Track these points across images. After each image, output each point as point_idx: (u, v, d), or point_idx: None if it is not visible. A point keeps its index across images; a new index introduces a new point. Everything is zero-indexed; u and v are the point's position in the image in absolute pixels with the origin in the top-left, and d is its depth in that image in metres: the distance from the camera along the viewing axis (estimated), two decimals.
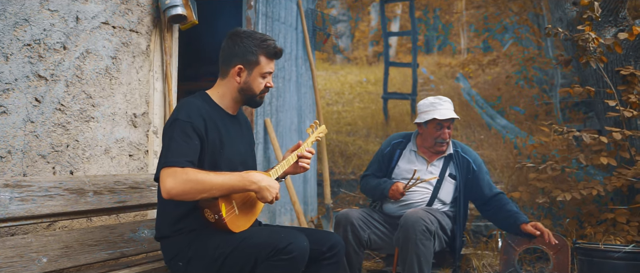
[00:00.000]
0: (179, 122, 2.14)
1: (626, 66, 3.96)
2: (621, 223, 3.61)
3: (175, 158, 2.06)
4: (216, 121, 2.26)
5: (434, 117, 3.16)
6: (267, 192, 2.18)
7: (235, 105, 2.38)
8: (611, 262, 2.75)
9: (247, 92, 2.32)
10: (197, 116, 2.18)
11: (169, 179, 2.03)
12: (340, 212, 3.19)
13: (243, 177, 2.15)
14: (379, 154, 3.40)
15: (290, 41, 4.96)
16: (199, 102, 2.26)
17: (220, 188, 2.08)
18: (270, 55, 2.31)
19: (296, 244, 2.10)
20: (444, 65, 12.10)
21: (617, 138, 3.63)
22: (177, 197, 2.05)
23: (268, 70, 2.32)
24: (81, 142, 2.65)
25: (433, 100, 3.24)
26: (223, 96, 2.34)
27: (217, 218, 2.13)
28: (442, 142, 3.22)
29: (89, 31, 2.67)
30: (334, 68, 13.36)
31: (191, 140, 2.13)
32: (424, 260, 2.95)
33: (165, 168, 2.06)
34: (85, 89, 2.67)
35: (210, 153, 2.22)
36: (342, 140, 7.44)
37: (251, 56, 2.28)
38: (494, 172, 5.77)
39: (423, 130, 3.29)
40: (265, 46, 2.29)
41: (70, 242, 2.27)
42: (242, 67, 2.28)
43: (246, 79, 2.30)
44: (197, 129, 2.15)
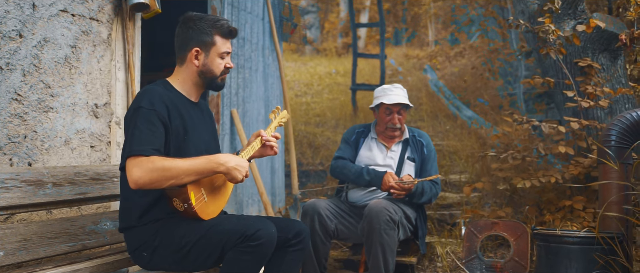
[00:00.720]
0: (142, 110, 2.11)
1: (584, 58, 4.08)
2: (578, 210, 3.74)
3: (141, 146, 2.03)
4: (179, 108, 2.24)
5: (381, 102, 3.30)
6: (237, 171, 2.17)
7: (197, 90, 2.35)
8: (566, 247, 2.84)
9: (207, 75, 2.30)
10: (160, 103, 2.15)
11: (135, 169, 2.00)
12: (308, 202, 3.22)
13: (210, 159, 2.13)
14: (347, 141, 3.48)
15: (256, 31, 4.93)
16: (160, 90, 2.23)
17: (188, 173, 2.06)
18: (225, 34, 2.29)
19: (264, 231, 2.11)
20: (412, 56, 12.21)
21: (575, 128, 3.74)
22: (145, 187, 2.02)
23: (225, 49, 2.30)
24: (40, 133, 2.59)
25: (385, 87, 3.39)
26: (184, 83, 2.32)
27: (186, 207, 2.11)
28: (393, 127, 3.34)
29: (46, 19, 2.61)
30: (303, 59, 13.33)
31: (156, 127, 2.10)
32: (388, 250, 3.00)
33: (130, 158, 2.02)
34: (44, 79, 2.60)
35: (175, 141, 2.20)
36: (311, 131, 7.45)
37: (206, 37, 2.26)
38: (459, 162, 5.87)
39: (376, 116, 3.44)
40: (219, 26, 2.28)
41: (29, 235, 2.22)
42: (199, 49, 2.27)
43: (204, 61, 2.28)
44: (161, 116, 2.13)
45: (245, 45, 4.69)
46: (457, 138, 6.60)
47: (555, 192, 4.02)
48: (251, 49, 4.81)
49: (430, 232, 4.34)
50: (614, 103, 4.05)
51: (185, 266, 2.24)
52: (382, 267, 2.98)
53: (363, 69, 10.38)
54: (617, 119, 3.23)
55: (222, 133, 4.32)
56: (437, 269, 3.77)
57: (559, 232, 2.99)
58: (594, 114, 4.04)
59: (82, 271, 2.22)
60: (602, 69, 4.10)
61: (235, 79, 4.54)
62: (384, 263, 2.99)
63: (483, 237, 3.69)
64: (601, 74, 4.10)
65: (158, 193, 2.17)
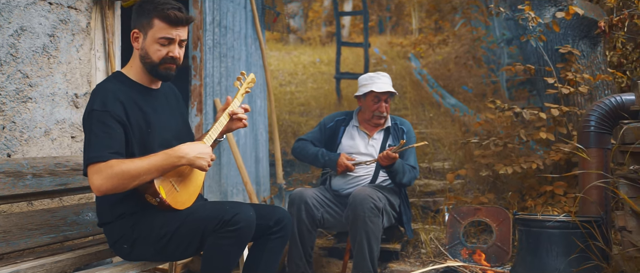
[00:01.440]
0: (95, 113, 2.04)
1: (564, 45, 4.12)
2: (559, 195, 3.80)
3: (97, 152, 1.98)
4: (136, 100, 2.16)
5: (371, 90, 3.29)
6: (200, 160, 2.13)
7: (150, 78, 2.24)
8: (547, 231, 2.89)
9: (146, 60, 2.18)
10: (113, 102, 2.07)
11: (95, 176, 1.97)
12: (294, 191, 3.22)
13: (169, 154, 2.07)
14: (322, 126, 3.49)
15: (239, 20, 4.89)
16: (112, 86, 2.14)
17: (148, 172, 2.02)
18: (165, 19, 2.12)
19: (242, 215, 2.10)
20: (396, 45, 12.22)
21: (555, 115, 3.79)
22: (108, 192, 1.99)
23: (164, 35, 2.13)
24: (18, 124, 2.55)
25: (372, 74, 3.37)
26: (137, 71, 2.23)
27: (159, 201, 2.10)
28: (380, 115, 3.36)
29: (23, 7, 2.56)
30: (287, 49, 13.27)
31: (111, 129, 2.04)
32: (373, 237, 3.02)
33: (90, 166, 1.99)
34: (21, 68, 2.56)
35: (138, 136, 2.14)
36: (295, 121, 7.45)
37: (144, 19, 2.15)
38: (443, 149, 5.92)
39: (362, 103, 3.42)
40: (160, 9, 2.12)
41: (8, 226, 2.20)
42: (137, 31, 2.18)
43: (142, 44, 2.18)
44: (115, 116, 2.05)
45: (227, 34, 4.65)
46: (441, 126, 6.64)
47: (537, 178, 4.07)
48: (233, 38, 4.78)
49: (414, 219, 4.37)
50: (593, 89, 4.10)
51: (167, 255, 2.24)
52: (366, 254, 3.00)
53: (347, 58, 10.37)
54: (596, 104, 3.28)
55: (205, 123, 4.30)
56: (421, 255, 3.81)
57: (540, 216, 3.03)
58: (574, 100, 4.09)
59: (64, 262, 2.21)
60: (582, 55, 4.15)
61: (218, 68, 4.51)
62: (369, 251, 3.01)
63: (466, 223, 3.73)
64: (581, 61, 4.15)
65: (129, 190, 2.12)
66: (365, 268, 3.04)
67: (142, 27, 2.17)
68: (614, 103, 3.20)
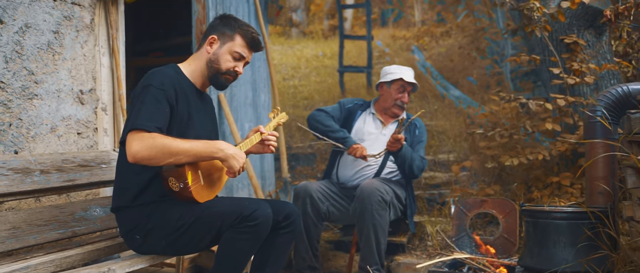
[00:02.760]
0: (151, 88, 2.11)
1: (569, 34, 4.09)
2: (565, 186, 3.79)
3: (144, 121, 2.03)
4: (186, 93, 2.25)
5: (400, 77, 3.31)
6: (234, 160, 2.17)
7: (203, 81, 2.36)
8: (554, 222, 2.88)
9: (214, 65, 2.30)
10: (169, 85, 2.16)
11: (135, 143, 2.00)
12: (299, 184, 3.22)
13: (210, 144, 2.15)
14: (341, 105, 3.50)
15: (242, 14, 4.88)
16: (171, 72, 2.24)
17: (186, 154, 2.06)
18: (247, 38, 2.32)
19: (261, 211, 2.13)
20: (399, 37, 12.17)
21: (561, 105, 3.77)
22: (142, 162, 2.02)
23: (239, 50, 2.30)
24: (25, 121, 2.56)
25: (400, 67, 3.42)
26: (194, 70, 2.33)
27: (182, 187, 2.10)
28: (401, 104, 3.38)
29: (27, 4, 2.55)
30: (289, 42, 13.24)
31: (162, 106, 2.11)
32: (380, 230, 3.03)
33: (132, 132, 2.02)
34: (27, 65, 2.56)
35: (178, 124, 2.20)
36: (299, 114, 7.44)
37: (227, 30, 2.31)
38: (448, 141, 5.90)
39: (385, 91, 3.41)
40: (245, 29, 2.32)
41: (18, 222, 2.21)
42: (216, 38, 2.31)
43: (216, 50, 2.30)
44: (169, 97, 2.13)
45: None
46: (446, 118, 6.63)
47: (543, 169, 4.06)
48: None
49: (420, 212, 4.37)
50: (599, 79, 4.08)
51: (179, 248, 2.25)
52: (374, 247, 3.01)
53: (350, 51, 10.34)
54: (603, 94, 3.26)
55: None
56: (427, 248, 3.81)
57: (547, 207, 3.02)
58: (580, 91, 4.07)
59: (73, 257, 2.22)
60: (587, 45, 4.13)
61: None
62: (376, 243, 3.02)
63: (472, 215, 3.73)
64: (586, 51, 4.12)
65: (154, 173, 2.16)
66: (372, 261, 3.04)
67: (222, 35, 2.32)
68: (621, 93, 3.18)
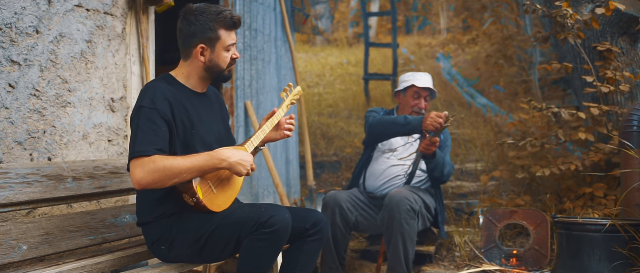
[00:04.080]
0: (143, 109, 2.10)
1: (603, 42, 4.00)
2: (599, 197, 3.69)
3: (142, 147, 2.03)
4: (183, 102, 2.21)
5: (413, 84, 3.30)
6: (240, 166, 2.16)
7: (202, 83, 2.33)
8: (589, 235, 2.80)
9: (214, 69, 2.27)
10: (161, 100, 2.13)
11: (137, 170, 2.01)
12: (328, 194, 3.20)
13: (211, 156, 2.12)
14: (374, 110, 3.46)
15: (268, 22, 4.91)
16: (162, 85, 2.20)
17: (189, 171, 2.05)
18: (229, 26, 2.24)
19: (278, 217, 2.10)
20: (424, 45, 12.09)
21: (595, 114, 3.68)
22: (147, 187, 2.03)
23: (230, 42, 2.26)
24: (58, 128, 2.60)
25: (414, 73, 3.40)
26: (189, 76, 2.29)
27: (195, 202, 2.12)
28: (418, 111, 3.32)
29: (62, 14, 2.60)
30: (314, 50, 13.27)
31: (158, 126, 2.09)
32: (408, 239, 2.99)
33: (133, 160, 2.03)
34: (61, 74, 2.61)
35: (181, 136, 2.19)
36: (324, 122, 7.43)
37: (210, 33, 2.21)
38: (475, 150, 5.82)
39: (402, 99, 3.41)
40: (222, 18, 2.21)
41: (51, 228, 2.24)
42: (204, 46, 2.23)
43: (211, 56, 2.25)
44: (162, 114, 2.11)
45: (257, 36, 4.67)
46: (472, 127, 6.54)
47: (575, 179, 3.97)
48: (263, 41, 4.79)
49: (447, 221, 4.31)
50: (634, 87, 3.97)
51: (204, 257, 2.25)
52: (402, 256, 2.97)
53: (375, 59, 10.31)
54: (639, 103, 3.17)
55: (237, 125, 4.32)
56: (455, 259, 3.75)
57: (581, 219, 2.95)
58: (614, 99, 3.96)
59: (103, 264, 2.23)
60: (621, 52, 4.03)
61: (248, 70, 4.53)
62: (404, 253, 2.98)
63: (501, 225, 3.66)
64: (621, 58, 4.02)
65: (167, 188, 2.16)
66: (400, 271, 3.00)
67: (208, 41, 2.22)
68: None
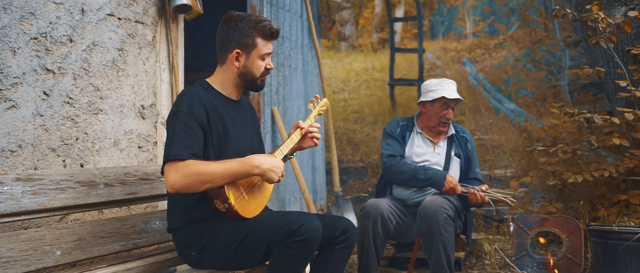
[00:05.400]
0: (180, 114, 2.13)
1: (636, 45, 3.90)
2: (634, 205, 3.58)
3: (177, 151, 2.06)
4: (218, 108, 2.25)
5: (443, 96, 3.19)
6: (272, 173, 2.17)
7: (237, 90, 2.36)
8: (625, 244, 2.72)
9: (248, 76, 2.30)
10: (198, 106, 2.16)
11: (171, 173, 2.04)
12: (369, 202, 3.14)
13: (244, 162, 2.14)
14: (392, 136, 3.34)
15: (295, 29, 4.92)
16: (199, 91, 2.24)
17: (222, 176, 2.07)
18: (267, 36, 2.28)
19: (309, 225, 2.10)
20: (450, 50, 11.99)
21: (629, 119, 3.58)
22: (181, 191, 2.05)
23: (266, 51, 2.29)
24: (90, 135, 2.65)
25: (440, 81, 3.28)
26: (224, 83, 2.33)
27: (227, 207, 2.13)
28: (446, 121, 3.27)
29: (94, 23, 2.66)
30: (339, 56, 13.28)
31: (193, 131, 2.12)
32: (449, 246, 2.97)
33: (168, 163, 2.06)
34: (93, 82, 2.66)
35: (216, 142, 2.21)
36: (350, 128, 7.42)
37: (247, 39, 2.25)
38: (503, 156, 5.73)
39: (428, 109, 3.31)
40: (260, 27, 2.26)
41: (83, 234, 2.28)
42: (240, 51, 2.27)
43: (245, 63, 2.28)
44: (198, 120, 2.14)
45: (284, 43, 4.69)
46: (501, 132, 6.44)
47: (608, 186, 3.86)
48: (290, 47, 4.81)
49: (476, 229, 4.24)
50: None
51: (234, 264, 2.25)
52: (445, 263, 2.95)
53: (400, 64, 10.26)
54: None
55: (264, 131, 4.34)
56: (485, 266, 3.69)
57: (617, 228, 2.86)
58: None
59: (134, 270, 2.26)
60: None
61: (275, 77, 4.55)
62: (446, 259, 2.96)
63: (533, 233, 3.58)
64: None
65: (200, 194, 2.18)
66: None
67: (245, 47, 2.26)
68: None
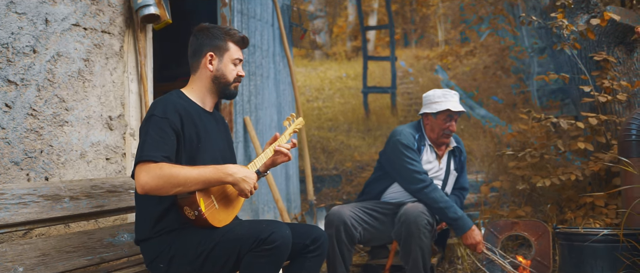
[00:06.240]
0: (154, 118, 2.13)
1: (599, 52, 4.01)
2: (600, 207, 3.67)
3: (150, 152, 2.04)
4: (193, 116, 2.25)
5: (448, 108, 3.12)
6: (245, 183, 2.16)
7: (210, 98, 2.36)
8: (591, 245, 2.78)
9: (221, 80, 2.32)
10: (172, 112, 2.16)
11: (142, 174, 2.02)
12: (332, 210, 3.12)
13: (218, 169, 2.13)
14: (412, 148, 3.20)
15: (267, 38, 4.93)
16: (174, 98, 2.25)
17: (195, 181, 2.06)
18: (238, 42, 2.35)
19: (279, 233, 2.09)
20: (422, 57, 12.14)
21: (593, 123, 3.68)
22: (151, 192, 2.03)
23: (238, 56, 2.34)
24: (56, 147, 2.60)
25: (444, 92, 3.21)
26: (198, 91, 2.34)
27: (197, 215, 2.10)
28: (449, 133, 3.21)
29: (59, 34, 2.61)
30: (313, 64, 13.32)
31: (167, 135, 2.11)
32: (426, 252, 2.98)
33: (140, 164, 2.04)
34: (58, 93, 2.61)
35: (188, 149, 2.20)
36: (324, 136, 7.43)
37: (220, 42, 2.32)
38: (475, 162, 5.81)
39: (431, 121, 3.24)
40: (231, 33, 2.34)
41: (47, 249, 2.22)
42: (213, 54, 2.31)
43: (218, 65, 2.31)
44: (173, 125, 2.14)
45: (255, 52, 4.68)
46: (472, 138, 6.54)
47: (575, 189, 3.95)
48: (262, 56, 4.80)
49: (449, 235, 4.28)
50: (632, 96, 3.97)
51: None
52: (422, 269, 2.96)
53: (373, 72, 10.35)
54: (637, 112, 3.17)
55: (236, 141, 4.32)
56: (457, 271, 3.72)
57: (582, 230, 2.93)
58: (612, 109, 3.97)
59: None
60: (618, 62, 4.04)
61: (247, 86, 4.54)
62: (424, 265, 2.97)
63: (503, 237, 3.63)
64: (617, 68, 4.03)
65: (171, 202, 2.16)
66: None
67: (218, 49, 2.32)
68: None
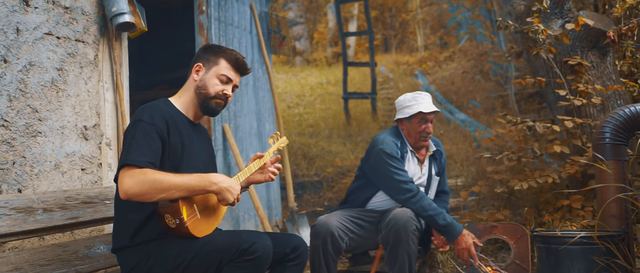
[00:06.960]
0: (141, 123, 2.11)
1: (573, 56, 4.08)
2: (576, 209, 3.72)
3: (135, 157, 2.02)
4: (178, 125, 2.24)
5: (419, 110, 3.08)
6: (228, 193, 2.14)
7: (195, 111, 2.35)
8: (567, 247, 2.81)
9: (202, 91, 2.30)
10: (159, 119, 2.15)
11: (126, 179, 1.99)
12: (318, 220, 3.07)
13: (203, 177, 2.12)
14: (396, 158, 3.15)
15: (245, 45, 4.91)
16: (161, 105, 2.24)
17: (179, 188, 2.04)
18: (231, 61, 2.33)
19: (260, 243, 2.08)
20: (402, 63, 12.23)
21: (569, 127, 3.73)
22: (134, 198, 2.00)
23: (225, 73, 2.31)
24: (29, 158, 2.54)
25: (414, 95, 3.18)
26: (184, 102, 2.34)
27: (178, 223, 2.07)
28: (426, 136, 3.17)
29: (31, 43, 2.57)
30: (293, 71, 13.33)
31: (153, 141, 2.09)
32: (413, 257, 2.97)
33: (124, 168, 2.02)
34: (31, 103, 2.56)
35: (172, 158, 2.18)
36: (305, 142, 7.42)
37: (211, 55, 2.33)
38: (454, 165, 5.86)
39: (406, 126, 3.20)
40: (228, 52, 2.35)
41: (20, 263, 2.17)
42: (201, 65, 2.32)
43: (203, 76, 2.31)
44: (159, 131, 2.12)
45: None
46: (452, 142, 6.59)
47: (553, 192, 4.00)
48: None
49: None
50: (606, 100, 4.05)
51: None
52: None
53: (354, 78, 10.39)
54: (611, 115, 3.22)
55: (215, 148, 4.29)
56: None
57: (559, 233, 2.96)
58: (587, 112, 4.03)
59: None
60: (592, 66, 4.11)
61: None
62: (410, 270, 2.96)
63: (483, 241, 3.66)
64: (591, 71, 4.10)
65: (151, 210, 2.13)
66: None
67: (206, 61, 2.33)
68: (629, 113, 3.14)
